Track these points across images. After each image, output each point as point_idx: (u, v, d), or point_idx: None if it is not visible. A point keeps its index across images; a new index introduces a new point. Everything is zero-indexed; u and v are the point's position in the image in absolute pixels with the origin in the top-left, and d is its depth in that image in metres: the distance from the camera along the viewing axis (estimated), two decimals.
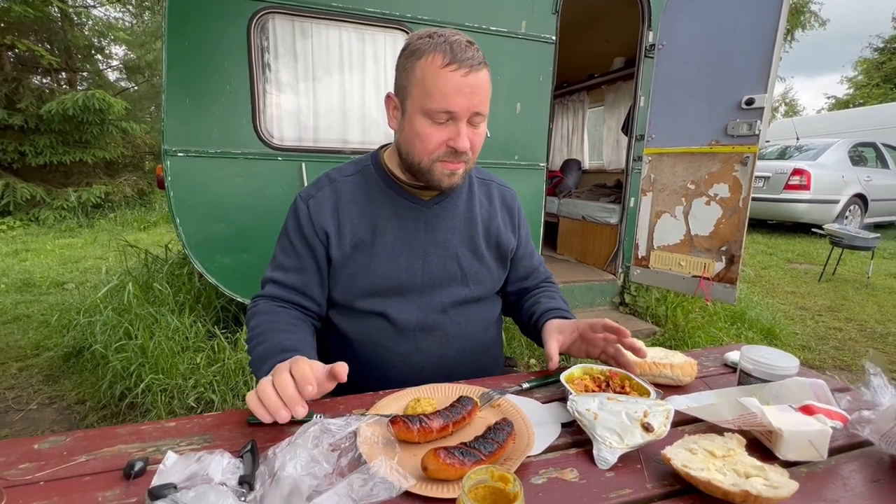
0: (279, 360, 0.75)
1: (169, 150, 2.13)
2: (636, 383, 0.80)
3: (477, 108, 0.83)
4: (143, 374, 2.06)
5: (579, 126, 5.12)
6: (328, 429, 0.62)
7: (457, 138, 0.83)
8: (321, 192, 0.96)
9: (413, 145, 0.87)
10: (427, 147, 0.85)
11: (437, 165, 0.86)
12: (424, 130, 0.83)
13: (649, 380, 0.85)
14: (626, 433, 0.65)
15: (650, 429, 0.65)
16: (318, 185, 0.98)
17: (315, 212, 0.94)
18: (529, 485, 0.59)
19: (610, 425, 0.66)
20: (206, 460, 0.58)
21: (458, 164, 0.87)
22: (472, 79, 0.80)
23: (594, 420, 0.67)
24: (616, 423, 0.66)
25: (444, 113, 0.81)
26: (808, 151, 7.31)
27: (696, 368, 0.87)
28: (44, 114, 6.86)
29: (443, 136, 0.84)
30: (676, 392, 0.84)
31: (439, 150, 0.85)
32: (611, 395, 0.72)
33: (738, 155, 2.55)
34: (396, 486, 0.54)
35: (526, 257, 1.12)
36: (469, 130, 0.85)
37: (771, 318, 3.34)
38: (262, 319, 0.89)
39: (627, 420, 0.66)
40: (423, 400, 0.76)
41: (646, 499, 0.57)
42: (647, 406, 0.68)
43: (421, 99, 0.81)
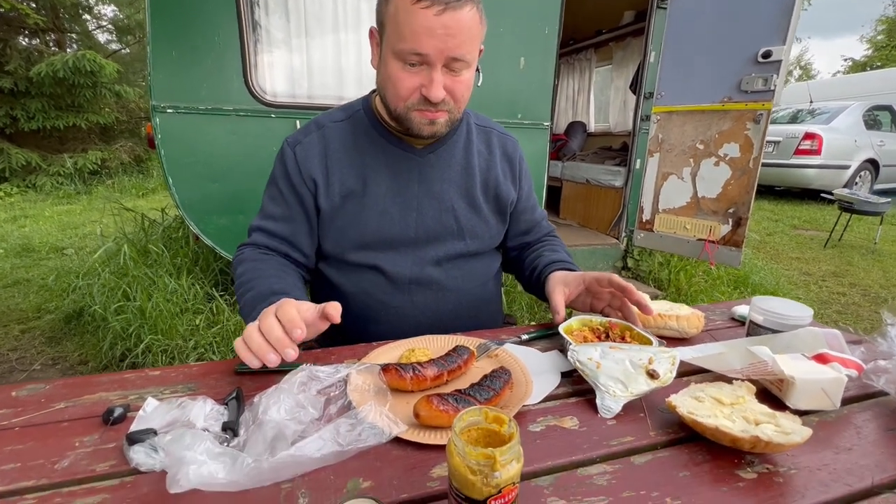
0: (268, 305, 0.72)
1: (157, 107, 2.05)
2: (637, 333, 0.76)
3: (453, 53, 0.73)
4: (142, 335, 2.05)
5: (585, 87, 4.93)
6: (316, 376, 0.59)
7: (429, 86, 0.75)
8: (308, 137, 0.90)
9: (387, 89, 0.80)
10: (399, 93, 0.77)
11: (414, 114, 0.80)
12: (396, 74, 0.76)
13: (654, 332, 0.82)
14: (631, 381, 0.61)
15: (655, 376, 0.61)
16: (305, 130, 0.92)
17: (302, 158, 0.88)
18: (527, 432, 0.57)
19: (613, 374, 0.63)
20: (188, 406, 0.56)
21: (438, 113, 0.80)
22: (447, 18, 0.70)
23: (596, 369, 0.64)
24: (619, 372, 0.63)
25: (414, 55, 0.73)
26: (821, 115, 7.07)
27: (703, 321, 0.83)
28: (34, 76, 6.66)
29: (415, 82, 0.76)
30: (682, 345, 0.81)
31: (412, 98, 0.78)
32: (613, 343, 0.69)
33: (751, 112, 2.44)
34: (386, 432, 0.51)
35: (527, 211, 1.06)
36: (447, 78, 0.76)
37: (774, 282, 3.31)
38: (249, 266, 0.85)
39: (631, 368, 0.63)
40: (418, 350, 0.73)
41: (649, 446, 0.55)
42: (652, 353, 0.65)
43: (392, 38, 0.74)
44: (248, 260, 0.86)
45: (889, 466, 0.52)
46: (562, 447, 0.54)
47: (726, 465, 0.51)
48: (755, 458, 0.53)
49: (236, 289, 0.84)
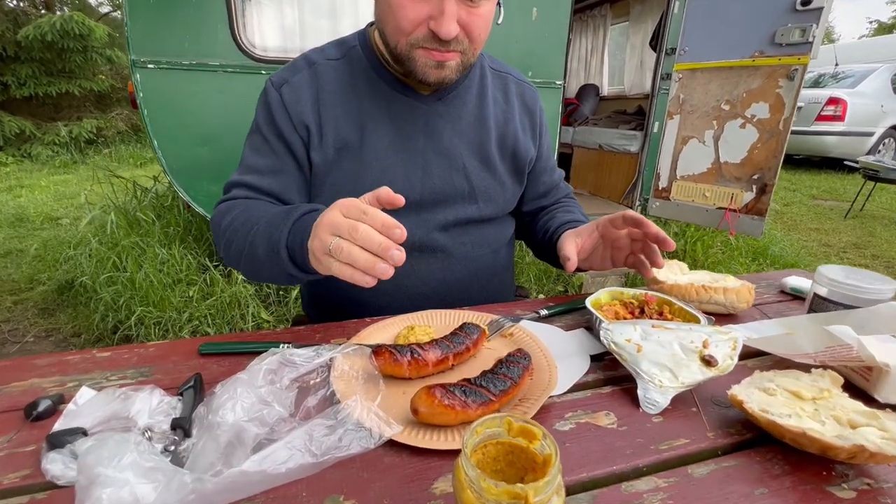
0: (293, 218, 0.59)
1: (137, 61, 1.88)
2: (679, 308, 0.64)
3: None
4: (133, 307, 1.97)
5: (599, 46, 4.62)
6: (291, 360, 0.47)
7: (439, 19, 0.61)
8: (297, 76, 0.75)
9: (386, 21, 0.65)
10: (401, 25, 0.63)
11: (419, 53, 0.65)
12: (399, 1, 0.61)
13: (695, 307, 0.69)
14: (681, 368, 0.50)
15: (712, 362, 0.49)
16: (293, 68, 0.77)
17: (291, 101, 0.73)
18: (553, 431, 0.45)
19: (658, 359, 0.51)
20: (131, 398, 0.45)
21: (449, 53, 0.66)
22: None
23: (637, 353, 0.52)
24: (666, 357, 0.51)
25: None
26: (845, 79, 6.69)
27: (754, 294, 0.71)
28: (21, 40, 6.40)
29: (422, 12, 0.62)
30: (726, 322, 0.69)
31: (418, 32, 0.63)
32: (655, 321, 0.57)
33: (784, 68, 2.23)
34: (375, 435, 0.40)
35: (546, 171, 0.93)
36: (461, 9, 0.62)
37: (794, 254, 3.16)
38: (241, 210, 0.69)
39: (681, 352, 0.51)
40: (418, 328, 0.61)
41: (708, 451, 0.43)
42: (707, 334, 0.53)
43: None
44: (236, 207, 0.71)
45: None
46: (599, 452, 0.43)
47: (813, 480, 0.40)
48: (848, 469, 0.41)
49: (230, 238, 0.67)
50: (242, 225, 0.66)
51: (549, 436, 0.28)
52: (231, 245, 0.67)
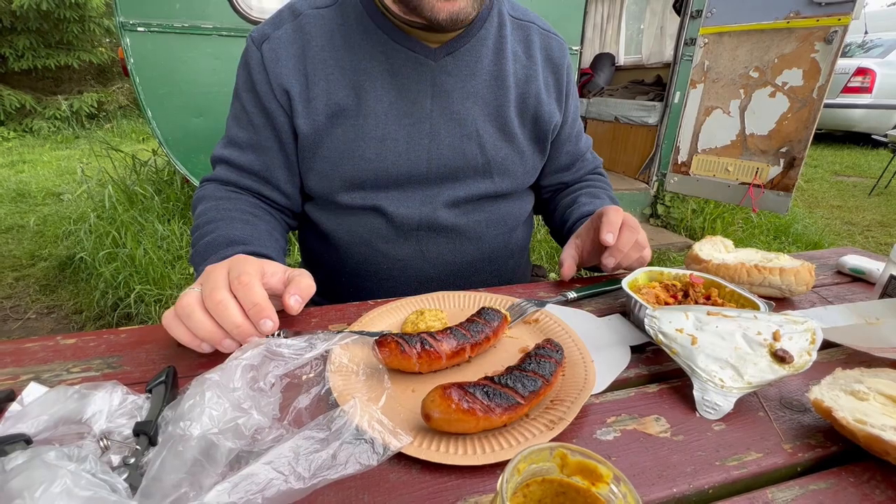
0: (228, 254, 0.54)
1: (126, 24, 1.76)
2: (730, 292, 0.55)
3: None
4: (132, 284, 1.91)
5: (616, 13, 4.37)
6: (278, 353, 0.40)
7: None
8: (280, 31, 0.65)
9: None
10: None
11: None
12: None
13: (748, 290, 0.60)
14: (746, 365, 0.41)
15: (787, 358, 0.41)
16: (276, 20, 0.67)
17: (271, 60, 0.64)
18: (593, 441, 0.38)
19: (718, 353, 0.42)
20: (87, 398, 0.37)
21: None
22: None
23: (691, 345, 0.43)
24: (728, 351, 0.42)
25: None
26: (874, 49, 6.34)
27: (814, 275, 0.61)
28: (16, 9, 6.22)
29: None
30: (782, 308, 0.60)
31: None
32: (711, 307, 0.48)
33: (822, 30, 2.06)
34: (379, 448, 0.32)
35: (571, 140, 0.82)
36: None
37: (818, 232, 3.03)
38: (211, 206, 0.65)
39: (746, 345, 0.42)
40: (429, 312, 0.53)
41: (788, 470, 0.35)
42: (777, 324, 0.44)
43: None
44: (210, 198, 0.66)
45: None
46: (653, 470, 0.35)
47: None
48: None
49: (192, 233, 0.64)
50: (197, 229, 0.64)
51: (623, 480, 0.20)
52: (192, 237, 0.65)
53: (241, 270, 0.44)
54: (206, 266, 0.48)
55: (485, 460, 0.34)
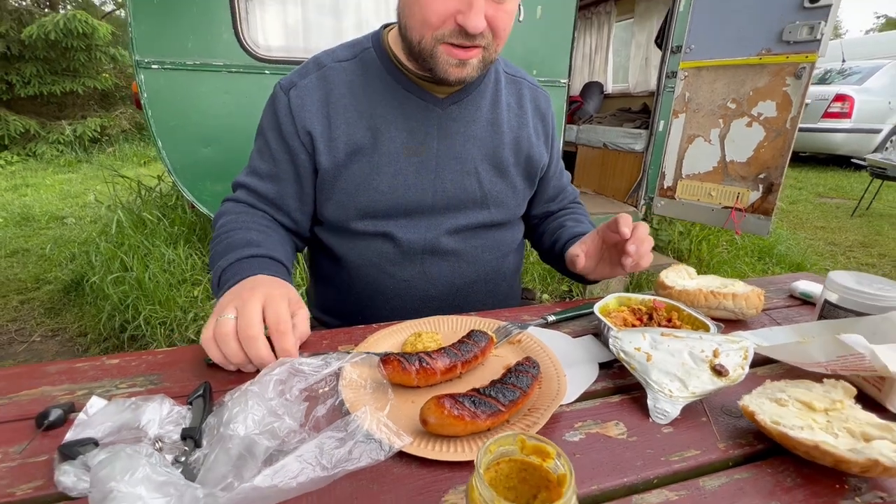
0: (243, 254, 0.65)
1: (141, 62, 1.88)
2: (687, 315, 0.64)
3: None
4: (139, 307, 1.98)
5: (603, 44, 4.59)
6: (299, 370, 0.47)
7: (467, 13, 0.61)
8: (306, 80, 0.75)
9: (411, 14, 0.65)
10: (428, 18, 0.63)
11: (441, 49, 0.65)
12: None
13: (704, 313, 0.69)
14: (691, 378, 0.49)
15: (723, 372, 0.49)
16: (302, 71, 0.77)
17: (297, 106, 0.73)
18: (562, 442, 0.45)
19: (668, 368, 0.50)
20: (141, 408, 0.45)
21: (471, 49, 0.65)
22: None
23: (646, 362, 0.51)
24: (676, 366, 0.50)
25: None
26: (852, 76, 6.63)
27: (763, 299, 0.70)
28: (25, 38, 6.41)
29: (449, 7, 0.61)
30: (735, 328, 0.68)
31: (444, 27, 0.63)
32: (665, 329, 0.56)
33: (792, 66, 2.21)
34: (386, 446, 0.40)
35: (556, 176, 0.94)
36: (489, 5, 0.62)
37: (801, 253, 3.14)
38: (230, 218, 0.74)
39: (692, 361, 0.51)
40: (426, 335, 0.61)
41: (720, 463, 0.43)
42: (717, 343, 0.52)
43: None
44: (229, 213, 0.76)
45: None
46: (608, 464, 0.42)
47: (825, 493, 0.40)
48: (862, 482, 0.41)
49: (211, 243, 0.73)
50: (216, 237, 0.72)
51: (563, 455, 0.28)
52: (210, 244, 0.74)
53: (279, 315, 0.52)
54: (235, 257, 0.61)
55: (471, 457, 0.41)
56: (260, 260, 0.65)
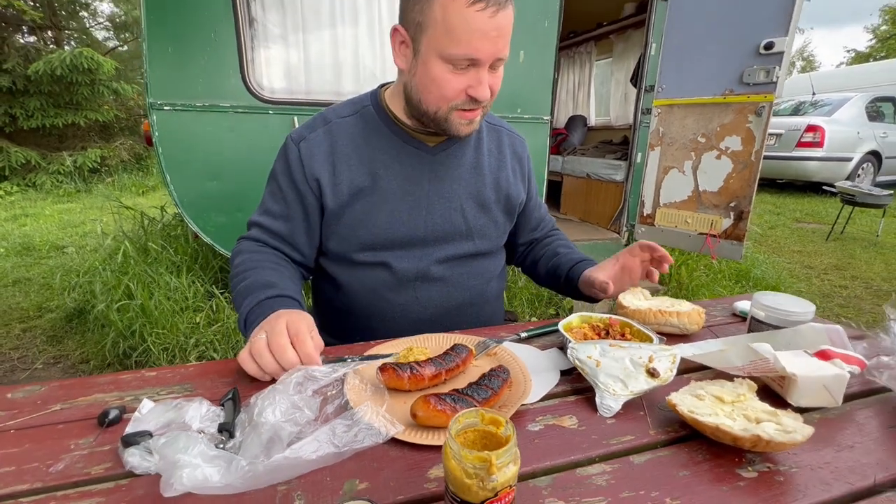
0: (263, 296, 0.75)
1: (154, 104, 2.03)
2: (637, 330, 0.76)
3: (501, 53, 0.74)
4: (144, 334, 2.06)
5: (586, 80, 4.89)
6: (313, 375, 0.59)
7: (478, 87, 0.76)
8: (314, 133, 0.88)
9: (428, 91, 0.78)
10: (445, 94, 0.76)
11: (455, 115, 0.79)
12: (443, 76, 0.75)
13: (654, 329, 0.81)
14: (630, 379, 0.61)
15: (655, 374, 0.61)
16: (311, 125, 0.90)
17: (307, 156, 0.86)
18: (525, 431, 0.56)
19: (613, 372, 0.62)
20: (184, 408, 0.55)
21: (476, 110, 0.80)
22: (500, 18, 0.71)
23: (596, 367, 0.63)
24: (619, 370, 0.62)
25: (466, 59, 0.73)
26: (823, 107, 7.01)
27: (704, 317, 0.82)
28: (31, 74, 6.63)
29: (462, 84, 0.76)
30: (682, 342, 0.80)
31: (458, 99, 0.77)
32: (613, 341, 0.68)
33: (752, 105, 2.42)
34: (383, 433, 0.51)
35: (536, 209, 1.08)
36: (489, 76, 0.77)
37: (776, 276, 3.29)
38: (246, 257, 0.85)
39: (631, 366, 0.62)
40: (416, 349, 0.72)
41: (648, 445, 0.54)
42: (652, 351, 0.64)
43: (441, 41, 0.72)
44: (246, 251, 0.86)
45: (892, 465, 0.51)
46: (560, 447, 0.53)
47: (727, 464, 0.51)
48: (756, 456, 0.52)
49: (231, 279, 0.84)
50: (236, 275, 0.82)
51: (510, 423, 0.39)
52: (231, 281, 0.84)
53: (298, 329, 0.64)
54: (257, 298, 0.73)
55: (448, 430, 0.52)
56: (279, 300, 0.76)
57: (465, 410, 0.41)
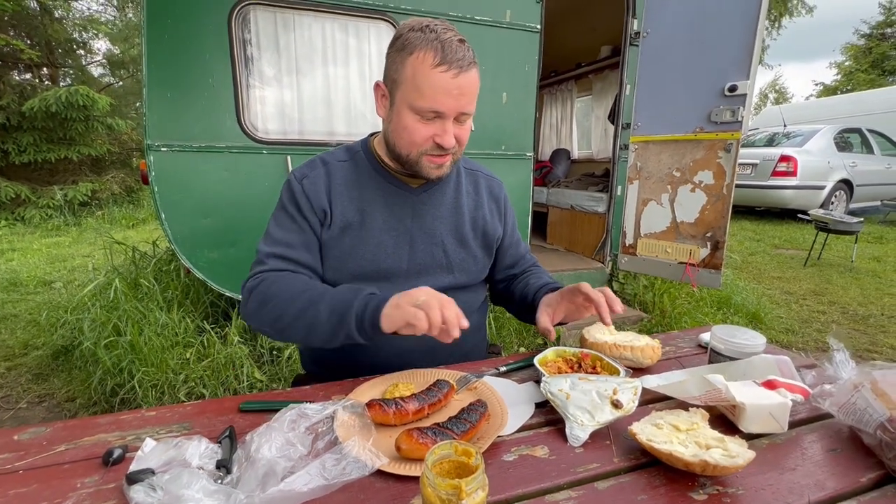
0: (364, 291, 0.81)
1: (152, 146, 2.11)
2: (607, 363, 0.82)
3: (464, 109, 0.84)
4: (133, 370, 2.05)
5: (568, 115, 5.12)
6: (305, 413, 0.63)
7: (443, 136, 0.85)
8: (314, 172, 0.96)
9: (400, 137, 0.88)
10: (414, 140, 0.86)
11: (424, 159, 0.88)
12: (412, 125, 0.85)
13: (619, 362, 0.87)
14: (597, 411, 0.67)
15: (619, 405, 0.67)
16: (311, 165, 0.98)
17: (311, 191, 0.93)
18: (501, 462, 0.61)
19: (581, 404, 0.68)
20: (184, 446, 0.59)
21: (445, 157, 0.89)
22: (462, 80, 0.81)
23: (566, 400, 0.69)
24: (587, 402, 0.68)
25: (431, 111, 0.83)
26: (795, 138, 7.36)
27: (659, 351, 0.89)
28: (26, 111, 6.73)
29: (429, 132, 0.85)
30: (649, 372, 0.87)
31: (426, 145, 0.86)
32: (582, 375, 0.74)
33: (721, 142, 2.58)
34: (369, 465, 0.55)
35: (513, 246, 1.14)
36: (455, 127, 0.86)
37: (756, 302, 3.39)
38: (291, 280, 0.87)
39: (598, 398, 0.68)
40: (402, 385, 0.77)
41: (612, 472, 0.60)
42: (617, 384, 0.70)
43: (410, 95, 0.82)
44: (283, 279, 0.87)
45: (828, 485, 0.57)
46: (532, 475, 0.58)
47: (681, 488, 0.56)
48: (707, 480, 0.58)
49: (285, 303, 0.83)
50: (298, 296, 0.83)
51: (479, 454, 0.44)
52: (271, 306, 0.84)
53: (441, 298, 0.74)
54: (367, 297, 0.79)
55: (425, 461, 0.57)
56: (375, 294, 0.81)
57: (440, 443, 0.46)
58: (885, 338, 3.00)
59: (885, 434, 0.60)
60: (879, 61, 17.92)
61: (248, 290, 0.88)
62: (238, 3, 2.16)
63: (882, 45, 17.94)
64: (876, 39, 18.28)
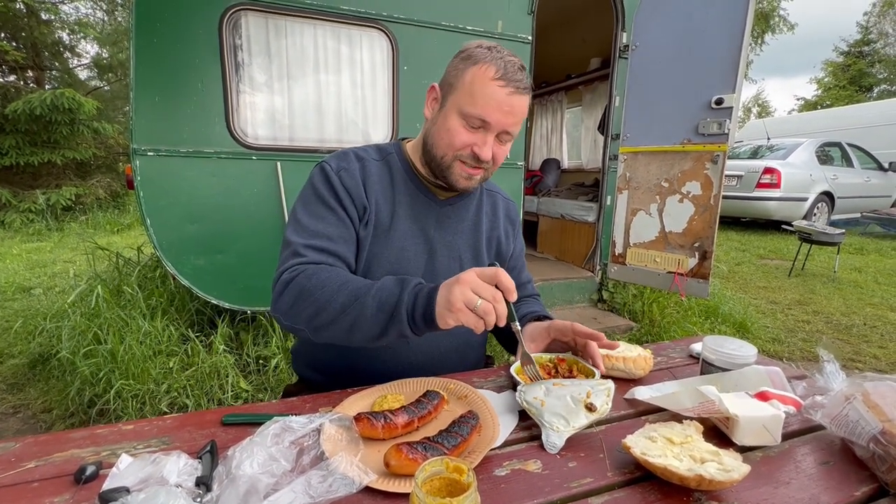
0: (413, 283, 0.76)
1: (138, 150, 2.07)
2: (583, 367, 0.82)
3: (509, 128, 0.86)
4: (112, 380, 1.99)
5: (558, 126, 5.17)
6: (290, 427, 0.61)
7: (482, 147, 0.86)
8: (350, 165, 0.93)
9: (441, 137, 0.88)
10: (453, 143, 0.87)
11: (457, 165, 0.88)
12: (456, 128, 0.86)
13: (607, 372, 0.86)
14: (572, 415, 0.66)
15: (593, 408, 0.66)
16: (345, 158, 0.95)
17: (350, 184, 0.91)
18: (492, 477, 0.60)
19: (556, 410, 0.67)
20: (162, 462, 0.57)
21: (477, 169, 0.90)
22: (514, 99, 0.83)
23: (541, 407, 0.68)
24: (562, 407, 0.67)
25: (479, 119, 0.84)
26: (778, 151, 7.54)
27: (651, 362, 0.88)
28: (9, 113, 6.60)
29: (470, 139, 0.86)
30: (639, 383, 0.86)
31: (463, 151, 0.87)
32: (556, 380, 0.73)
33: (708, 153, 2.62)
34: (356, 482, 0.53)
35: (515, 269, 1.14)
36: (495, 144, 0.88)
37: (743, 312, 3.43)
38: (333, 273, 0.80)
39: (572, 403, 0.67)
40: (390, 396, 0.75)
41: (606, 487, 0.58)
42: (591, 386, 0.70)
43: (463, 100, 0.84)
44: (323, 271, 0.81)
45: (822, 499, 0.57)
46: (524, 491, 0.57)
47: (676, 503, 0.55)
48: (703, 494, 0.57)
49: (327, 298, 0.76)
50: (343, 286, 0.77)
51: (471, 471, 0.43)
52: (310, 301, 0.77)
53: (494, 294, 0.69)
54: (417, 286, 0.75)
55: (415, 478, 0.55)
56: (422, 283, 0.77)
57: (431, 459, 0.45)
58: (868, 347, 3.05)
59: (877, 447, 0.59)
60: (857, 78, 18.52)
61: (284, 283, 0.81)
62: (229, 8, 2.15)
63: (859, 62, 18.56)
64: (854, 57, 18.91)
